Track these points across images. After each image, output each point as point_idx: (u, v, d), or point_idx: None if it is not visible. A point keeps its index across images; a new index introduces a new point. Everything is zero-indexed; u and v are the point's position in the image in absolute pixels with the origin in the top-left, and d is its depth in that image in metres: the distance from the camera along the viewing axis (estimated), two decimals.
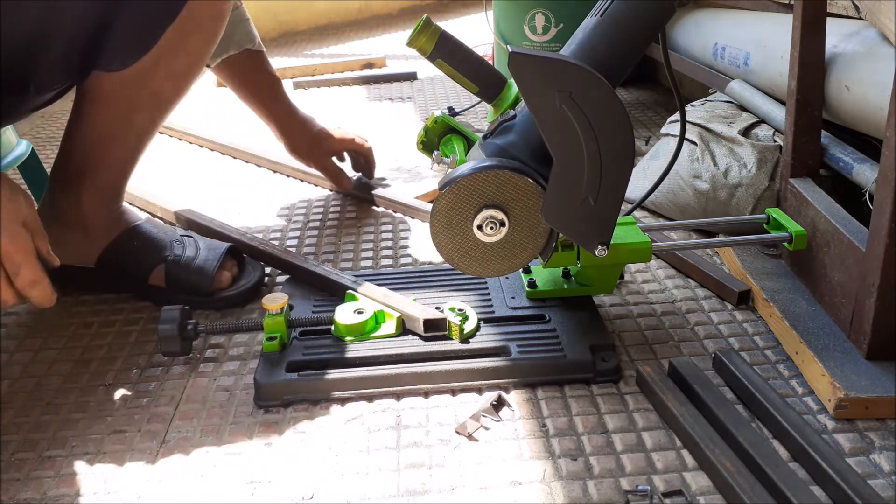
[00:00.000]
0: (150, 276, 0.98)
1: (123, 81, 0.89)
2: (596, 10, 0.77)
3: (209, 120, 1.79)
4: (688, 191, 1.11)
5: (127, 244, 0.98)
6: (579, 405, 0.78)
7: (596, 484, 0.67)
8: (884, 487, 0.66)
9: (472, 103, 1.78)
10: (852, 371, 0.76)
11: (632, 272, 1.03)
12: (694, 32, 1.42)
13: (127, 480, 0.70)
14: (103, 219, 0.98)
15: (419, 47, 0.91)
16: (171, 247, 0.99)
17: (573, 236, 0.78)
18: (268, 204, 1.30)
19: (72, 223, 0.97)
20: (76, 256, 0.99)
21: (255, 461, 0.72)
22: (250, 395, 0.81)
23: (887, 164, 0.72)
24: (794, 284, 0.93)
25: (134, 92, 0.91)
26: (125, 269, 0.99)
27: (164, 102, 0.96)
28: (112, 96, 0.91)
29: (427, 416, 0.77)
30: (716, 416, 0.72)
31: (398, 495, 0.67)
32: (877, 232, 0.74)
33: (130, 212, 1.02)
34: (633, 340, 0.88)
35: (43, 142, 1.68)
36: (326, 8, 2.88)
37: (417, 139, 0.97)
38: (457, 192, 0.76)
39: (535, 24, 1.59)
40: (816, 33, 0.90)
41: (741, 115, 1.14)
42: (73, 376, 0.85)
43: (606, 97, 0.71)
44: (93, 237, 0.98)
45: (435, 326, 0.83)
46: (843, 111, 0.95)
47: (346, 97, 1.96)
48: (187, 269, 0.97)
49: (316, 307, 0.92)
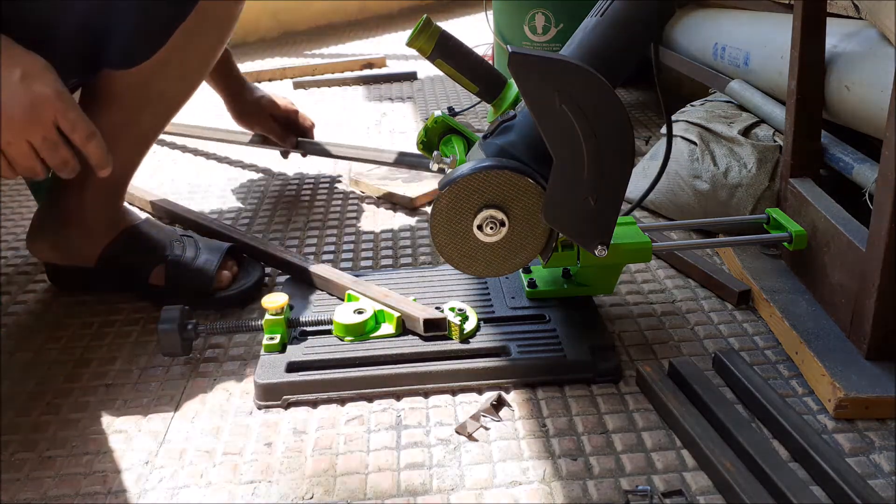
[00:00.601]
0: (151, 276, 0.98)
1: (131, 81, 0.89)
2: (596, 10, 0.77)
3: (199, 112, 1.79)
4: (688, 191, 1.11)
5: (127, 244, 0.98)
6: (579, 405, 0.78)
7: (596, 484, 0.67)
8: (884, 487, 0.66)
9: (472, 103, 1.78)
10: (852, 371, 0.76)
11: (632, 272, 1.03)
12: (694, 32, 1.42)
13: (127, 480, 0.70)
14: (104, 218, 0.98)
15: (419, 47, 0.91)
16: (171, 246, 0.99)
17: (573, 236, 0.78)
18: (267, 204, 1.30)
19: (72, 223, 0.97)
20: (76, 256, 0.99)
21: (255, 461, 0.72)
22: (250, 395, 0.81)
23: (887, 164, 0.72)
24: (794, 284, 0.93)
25: (141, 92, 0.91)
26: (125, 269, 0.99)
27: (171, 103, 0.96)
28: (119, 96, 0.91)
29: (427, 416, 0.77)
30: (716, 416, 0.72)
31: (398, 495, 0.67)
32: (877, 232, 0.74)
33: (130, 211, 1.02)
34: (633, 340, 0.88)
35: None
36: (326, 8, 2.88)
37: (417, 139, 0.97)
38: (457, 192, 0.76)
39: (535, 24, 1.59)
40: (816, 33, 0.90)
41: (741, 115, 1.14)
42: (73, 376, 0.85)
43: (606, 97, 0.71)
44: (93, 237, 0.98)
45: (435, 326, 0.83)
46: (843, 111, 0.95)
47: (346, 97, 1.96)
48: (187, 268, 0.97)
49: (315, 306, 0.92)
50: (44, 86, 0.75)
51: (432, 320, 0.83)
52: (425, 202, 1.28)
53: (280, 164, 1.48)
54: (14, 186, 1.42)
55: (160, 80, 0.91)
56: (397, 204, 1.28)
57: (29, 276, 1.08)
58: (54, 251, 1.00)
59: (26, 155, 0.77)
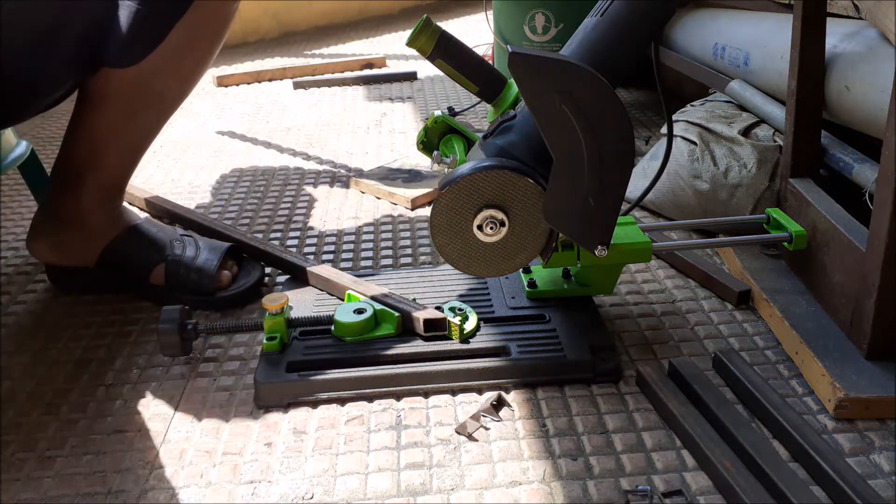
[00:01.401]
0: (151, 276, 0.98)
1: (128, 81, 0.89)
2: (596, 10, 0.77)
3: (210, 119, 1.79)
4: (688, 191, 1.11)
5: (127, 243, 0.98)
6: (579, 405, 0.78)
7: (596, 484, 0.67)
8: (884, 487, 0.66)
9: (472, 103, 1.78)
10: (852, 371, 0.76)
11: (632, 272, 1.03)
12: (694, 32, 1.42)
13: (127, 480, 0.70)
14: (103, 218, 0.98)
15: (419, 47, 0.91)
16: (172, 246, 0.99)
17: (573, 236, 0.78)
18: (268, 204, 1.30)
19: (72, 223, 0.97)
20: (77, 256, 0.99)
21: (255, 461, 0.72)
22: (250, 395, 0.80)
23: (887, 164, 0.72)
24: (794, 284, 0.93)
25: (138, 91, 0.91)
26: (126, 269, 0.99)
27: (169, 102, 0.96)
28: (116, 96, 0.91)
29: (427, 416, 0.77)
30: (716, 416, 0.72)
31: (398, 495, 0.67)
32: (877, 232, 0.74)
33: (130, 211, 1.02)
34: (633, 340, 0.88)
35: (43, 142, 1.68)
36: (326, 8, 2.88)
37: (417, 139, 0.97)
38: (457, 192, 0.76)
39: (535, 24, 1.59)
40: (816, 33, 0.90)
41: (741, 115, 1.14)
42: (72, 376, 0.85)
43: (606, 97, 0.71)
44: (93, 237, 0.98)
45: (435, 326, 0.83)
46: (843, 111, 0.95)
47: (346, 97, 1.96)
48: (188, 268, 0.97)
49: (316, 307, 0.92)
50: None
51: (432, 320, 0.83)
52: (425, 202, 1.28)
53: (280, 165, 1.48)
54: (14, 186, 1.42)
55: (158, 78, 0.91)
56: (397, 204, 1.28)
57: (29, 276, 1.08)
58: (55, 252, 1.00)
59: None
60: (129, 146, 0.96)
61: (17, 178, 1.40)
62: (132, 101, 0.92)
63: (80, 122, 0.94)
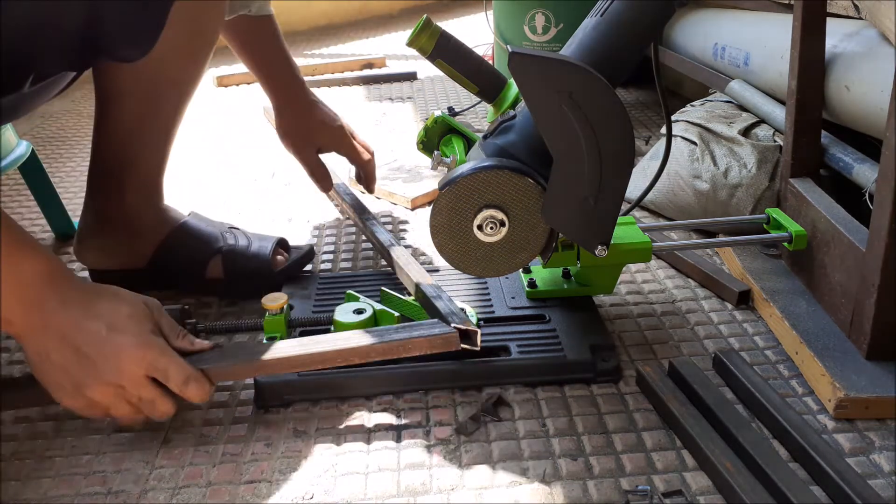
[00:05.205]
0: (207, 270, 0.97)
1: (141, 74, 0.89)
2: (596, 10, 0.77)
3: (209, 119, 1.79)
4: (688, 191, 1.11)
5: (179, 241, 0.98)
6: (579, 405, 0.78)
7: (596, 484, 0.67)
8: (884, 487, 0.66)
9: (472, 103, 1.78)
10: (852, 371, 0.76)
11: (632, 272, 1.03)
12: (694, 32, 1.42)
13: (127, 480, 0.70)
14: (150, 218, 0.98)
15: (419, 47, 0.91)
16: (224, 238, 0.99)
17: (573, 236, 0.78)
18: (267, 204, 1.30)
19: (119, 227, 0.96)
20: (128, 259, 0.98)
21: (255, 461, 0.72)
22: (250, 396, 0.80)
23: (887, 164, 0.72)
24: (794, 284, 0.93)
25: (153, 82, 0.91)
26: (180, 267, 0.98)
27: (185, 86, 0.95)
28: (133, 90, 0.90)
29: (427, 416, 0.77)
30: (716, 416, 0.72)
31: (398, 495, 0.67)
32: (877, 232, 0.74)
33: (174, 209, 1.02)
34: (633, 340, 0.88)
35: (43, 142, 1.68)
36: (326, 8, 2.88)
37: (417, 139, 0.97)
38: (457, 192, 0.76)
39: (535, 24, 1.59)
40: (816, 33, 0.90)
41: (741, 115, 1.14)
42: None
43: (606, 97, 0.71)
44: (142, 238, 0.97)
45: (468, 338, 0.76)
46: (843, 111, 0.95)
47: (346, 97, 1.96)
48: (245, 256, 0.97)
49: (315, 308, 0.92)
50: (128, 337, 0.67)
51: (465, 331, 0.76)
52: (425, 202, 1.28)
53: (280, 165, 1.48)
54: (14, 186, 1.42)
55: (170, 65, 0.90)
56: (397, 204, 1.28)
57: None
58: (104, 256, 0.98)
59: (130, 412, 0.70)
60: (157, 138, 0.95)
61: (18, 178, 1.40)
62: (150, 92, 0.91)
63: (105, 123, 0.94)
